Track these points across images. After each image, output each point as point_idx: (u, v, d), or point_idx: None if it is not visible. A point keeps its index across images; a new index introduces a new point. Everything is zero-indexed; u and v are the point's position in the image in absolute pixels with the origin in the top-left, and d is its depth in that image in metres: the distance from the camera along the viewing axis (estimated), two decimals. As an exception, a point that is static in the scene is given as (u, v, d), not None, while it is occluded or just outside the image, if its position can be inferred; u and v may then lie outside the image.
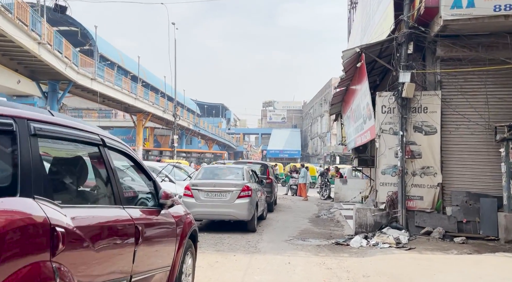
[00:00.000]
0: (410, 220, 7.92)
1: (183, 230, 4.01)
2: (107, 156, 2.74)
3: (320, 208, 15.39)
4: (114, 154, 3.07)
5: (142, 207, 3.39)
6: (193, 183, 8.87)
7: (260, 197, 10.03)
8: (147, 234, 3.07)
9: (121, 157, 3.26)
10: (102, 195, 2.69)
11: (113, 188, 2.70)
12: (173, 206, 3.81)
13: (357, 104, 10.26)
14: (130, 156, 3.26)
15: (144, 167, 3.47)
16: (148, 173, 3.53)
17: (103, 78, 24.84)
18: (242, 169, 9.48)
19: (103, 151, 2.71)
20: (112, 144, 2.92)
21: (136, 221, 2.86)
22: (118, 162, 3.40)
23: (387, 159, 8.25)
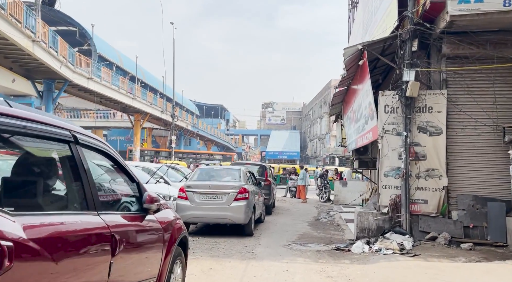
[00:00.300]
0: (414, 224, 7.58)
1: (171, 236, 3.66)
2: (79, 154, 2.39)
3: (319, 211, 15.04)
4: (91, 153, 2.74)
5: (123, 212, 3.05)
6: (188, 184, 8.53)
7: (257, 200, 9.69)
8: (127, 243, 2.73)
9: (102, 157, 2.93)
10: (71, 200, 2.35)
11: (85, 192, 2.36)
12: (160, 210, 3.47)
13: (359, 104, 9.93)
14: (110, 155, 2.91)
15: (126, 167, 3.13)
16: (131, 174, 3.19)
17: (100, 77, 24.49)
18: (239, 170, 9.14)
19: (74, 149, 2.37)
20: (87, 141, 2.58)
21: (113, 229, 2.52)
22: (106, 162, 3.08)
23: (390, 161, 7.91)
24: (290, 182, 20.71)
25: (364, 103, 9.06)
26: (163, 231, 3.46)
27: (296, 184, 19.88)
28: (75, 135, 2.43)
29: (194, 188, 8.39)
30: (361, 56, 8.32)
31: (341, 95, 12.86)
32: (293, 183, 20.31)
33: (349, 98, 12.18)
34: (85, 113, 45.58)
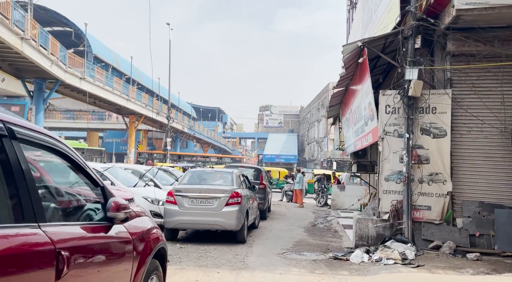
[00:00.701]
0: (416, 232, 7.12)
1: (146, 248, 3.19)
2: (15, 152, 1.92)
3: (316, 216, 14.57)
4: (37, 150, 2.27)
5: (81, 223, 2.57)
6: (177, 188, 8.04)
7: (251, 204, 9.21)
8: (82, 260, 2.25)
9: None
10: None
11: (21, 198, 1.88)
12: (129, 219, 2.99)
13: (358, 105, 9.49)
14: (62, 153, 2.43)
15: (86, 168, 2.65)
16: (93, 176, 2.71)
17: (94, 78, 23.98)
18: (231, 173, 8.67)
19: (8, 145, 1.89)
20: (29, 136, 2.10)
21: (60, 244, 2.04)
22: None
23: (391, 164, 7.46)
24: (286, 186, 20.21)
25: (363, 104, 8.62)
26: (134, 242, 2.99)
27: (292, 187, 19.42)
28: (11, 128, 1.95)
29: (183, 191, 7.91)
30: (361, 54, 7.89)
31: (339, 96, 12.43)
32: (289, 186, 19.81)
33: (348, 99, 11.75)
34: (79, 114, 45.06)
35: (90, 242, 2.43)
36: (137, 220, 3.30)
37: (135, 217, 3.28)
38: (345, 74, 9.16)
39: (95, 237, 2.52)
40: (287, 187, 20.14)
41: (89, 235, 2.45)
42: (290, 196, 19.71)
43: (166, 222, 7.86)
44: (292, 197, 19.38)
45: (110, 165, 10.15)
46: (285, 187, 20.67)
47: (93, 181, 2.73)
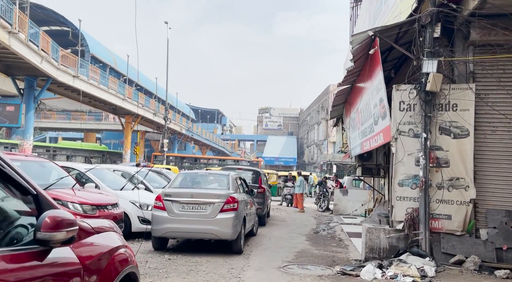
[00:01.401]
0: (435, 244, 6.31)
1: (105, 276, 2.39)
2: None
3: (318, 222, 13.76)
4: None
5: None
6: (166, 192, 7.23)
7: (249, 210, 8.41)
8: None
9: None
10: None
11: None
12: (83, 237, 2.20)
13: (366, 102, 8.71)
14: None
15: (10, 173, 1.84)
16: (20, 182, 1.90)
17: (88, 76, 23.18)
18: (227, 176, 7.86)
19: None
20: None
21: None
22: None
23: (406, 168, 6.66)
24: (286, 189, 19.39)
25: (373, 101, 7.83)
26: (86, 270, 2.19)
27: (292, 191, 18.72)
28: None
29: (173, 196, 7.09)
30: (372, 45, 7.11)
31: (344, 95, 11.65)
32: (288, 190, 19.02)
33: (354, 98, 10.97)
34: (76, 115, 44.25)
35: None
36: (96, 238, 2.49)
37: (93, 234, 2.48)
38: (353, 68, 8.37)
39: (15, 270, 1.71)
40: (286, 190, 19.31)
41: (5, 268, 1.64)
42: (289, 200, 18.91)
43: (154, 229, 7.05)
44: (292, 201, 18.67)
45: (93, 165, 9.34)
46: (284, 190, 19.85)
47: (21, 188, 1.92)
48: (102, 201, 6.71)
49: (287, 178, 21.16)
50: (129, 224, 8.16)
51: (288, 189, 19.02)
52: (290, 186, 18.90)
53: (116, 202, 7.08)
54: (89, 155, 32.44)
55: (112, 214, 6.82)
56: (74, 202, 6.22)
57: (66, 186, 7.00)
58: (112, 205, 6.91)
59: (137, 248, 7.14)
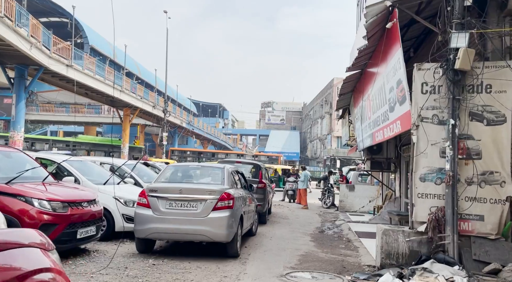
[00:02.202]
0: (465, 250, 5.37)
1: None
2: None
3: (323, 219, 12.84)
4: None
5: None
6: (151, 187, 6.31)
7: (247, 208, 7.49)
8: None
9: None
10: None
11: None
12: None
13: (380, 86, 7.75)
14: None
15: None
16: None
17: (82, 66, 22.24)
18: (222, 169, 6.92)
19: None
20: None
21: None
22: None
23: (429, 160, 5.70)
24: (288, 185, 18.46)
25: (389, 84, 6.87)
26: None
27: (294, 186, 17.81)
28: None
29: (159, 191, 6.18)
30: (389, 18, 6.14)
31: (353, 81, 10.67)
32: (290, 185, 18.11)
33: (364, 84, 10.00)
34: (75, 108, 43.41)
35: None
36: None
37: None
38: (366, 47, 7.39)
39: None
40: (288, 185, 18.43)
41: None
42: (290, 196, 18.03)
43: (137, 230, 6.14)
44: (294, 197, 17.81)
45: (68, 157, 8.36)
46: (286, 185, 18.97)
47: None
48: (76, 197, 5.80)
49: (289, 173, 20.31)
50: (113, 223, 7.26)
51: (290, 184, 18.16)
52: (292, 181, 18.06)
53: (94, 198, 6.17)
54: (108, 150, 31.85)
55: (89, 212, 5.93)
56: (41, 199, 5.31)
57: (37, 179, 6.11)
58: (89, 201, 6.00)
59: (122, 251, 6.25)
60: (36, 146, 31.05)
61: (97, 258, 5.97)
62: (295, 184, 17.81)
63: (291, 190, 18.02)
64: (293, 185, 17.87)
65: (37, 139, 34.80)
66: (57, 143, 32.86)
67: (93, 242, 6.49)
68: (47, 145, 31.91)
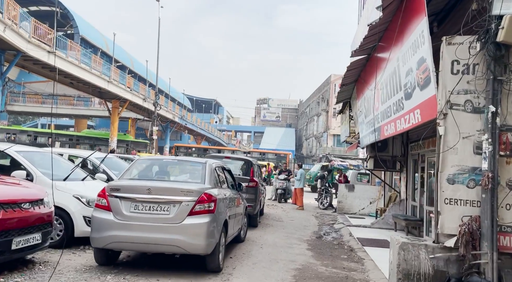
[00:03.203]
0: (506, 271, 4.23)
1: None
2: None
3: (320, 222, 11.70)
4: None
5: None
6: (114, 185, 5.09)
7: (234, 210, 6.32)
8: None
9: None
10: None
11: None
12: None
13: (392, 71, 6.60)
14: None
15: None
16: None
17: (66, 53, 20.88)
18: (204, 164, 5.71)
19: None
20: None
21: None
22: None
23: (460, 157, 4.56)
24: (278, 183, 16.72)
25: (406, 66, 5.72)
26: None
27: (284, 185, 16.32)
28: None
29: (123, 190, 4.97)
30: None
31: (358, 69, 9.50)
32: (281, 184, 16.43)
33: (370, 72, 8.84)
34: (63, 99, 41.93)
35: None
36: None
37: None
38: (379, 23, 6.21)
39: None
40: (278, 183, 16.70)
41: None
42: (280, 195, 16.42)
43: (94, 238, 4.94)
44: (283, 196, 16.42)
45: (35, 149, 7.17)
46: (275, 183, 17.20)
47: None
48: (12, 197, 4.59)
49: (281, 170, 18.61)
50: (72, 227, 6.04)
51: (281, 182, 16.49)
52: (282, 179, 16.42)
53: (41, 198, 4.95)
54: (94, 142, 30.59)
55: (33, 215, 4.71)
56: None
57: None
58: (33, 201, 4.79)
59: (78, 262, 5.05)
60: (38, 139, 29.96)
61: (42, 272, 4.77)
62: (286, 182, 16.39)
63: (281, 189, 16.40)
64: (284, 183, 16.36)
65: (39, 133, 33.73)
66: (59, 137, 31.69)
67: (44, 250, 5.31)
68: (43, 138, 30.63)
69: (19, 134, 28.35)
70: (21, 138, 27.89)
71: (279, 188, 16.45)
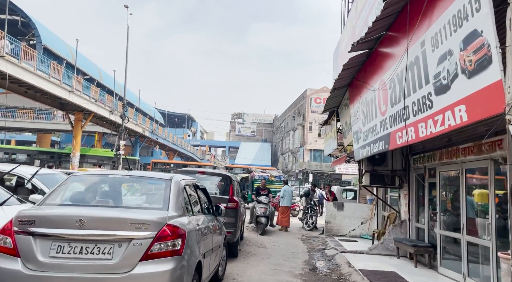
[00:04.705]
0: None
1: None
2: None
3: (309, 248, 10.11)
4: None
5: None
6: (26, 216, 3.33)
7: (210, 244, 4.64)
8: None
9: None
10: None
11: None
12: None
13: (413, 61, 5.25)
14: None
15: None
16: None
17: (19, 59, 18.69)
18: (168, 182, 4.02)
19: None
20: None
21: None
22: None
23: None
24: (259, 208, 11.47)
25: (440, 49, 4.38)
26: None
27: (268, 211, 11.48)
28: None
29: (40, 223, 3.23)
30: None
31: (355, 68, 8.15)
32: (263, 210, 11.41)
33: (372, 70, 7.51)
34: (22, 112, 38.96)
35: None
36: None
37: None
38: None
39: None
40: (259, 209, 11.47)
41: None
42: (263, 226, 11.47)
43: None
44: (268, 224, 11.81)
45: None
46: (256, 208, 11.62)
47: None
48: None
49: (258, 188, 12.63)
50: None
51: (263, 208, 11.43)
52: (264, 203, 11.53)
53: None
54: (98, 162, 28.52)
55: None
56: None
57: None
58: None
59: None
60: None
61: None
62: (268, 207, 11.53)
63: (263, 217, 11.43)
64: (267, 209, 11.44)
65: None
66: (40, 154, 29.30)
67: None
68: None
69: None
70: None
71: (260, 215, 11.49)
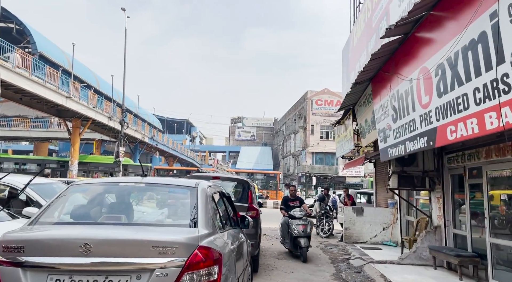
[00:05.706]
0: None
1: None
2: None
3: (331, 257, 9.25)
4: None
5: None
6: (13, 240, 2.48)
7: (242, 265, 3.79)
8: None
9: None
10: None
11: None
12: None
13: (475, 38, 4.43)
14: None
15: None
16: None
17: (13, 63, 17.85)
18: (193, 190, 3.17)
19: None
20: None
21: None
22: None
23: None
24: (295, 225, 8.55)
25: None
26: None
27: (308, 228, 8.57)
28: None
29: (31, 250, 2.37)
30: None
31: (385, 56, 7.34)
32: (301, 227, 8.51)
33: (405, 59, 6.70)
34: (19, 121, 38.04)
35: None
36: None
37: None
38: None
39: None
40: (295, 226, 8.53)
41: None
42: (304, 249, 8.41)
43: None
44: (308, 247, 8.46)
45: None
46: (291, 225, 8.57)
47: None
48: None
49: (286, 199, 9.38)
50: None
51: (301, 225, 8.48)
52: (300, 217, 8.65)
53: None
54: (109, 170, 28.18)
55: None
56: None
57: None
58: None
59: None
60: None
61: None
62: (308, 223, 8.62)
63: (303, 237, 8.43)
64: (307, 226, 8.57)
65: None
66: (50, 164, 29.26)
67: None
68: None
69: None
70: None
71: (299, 236, 8.41)
